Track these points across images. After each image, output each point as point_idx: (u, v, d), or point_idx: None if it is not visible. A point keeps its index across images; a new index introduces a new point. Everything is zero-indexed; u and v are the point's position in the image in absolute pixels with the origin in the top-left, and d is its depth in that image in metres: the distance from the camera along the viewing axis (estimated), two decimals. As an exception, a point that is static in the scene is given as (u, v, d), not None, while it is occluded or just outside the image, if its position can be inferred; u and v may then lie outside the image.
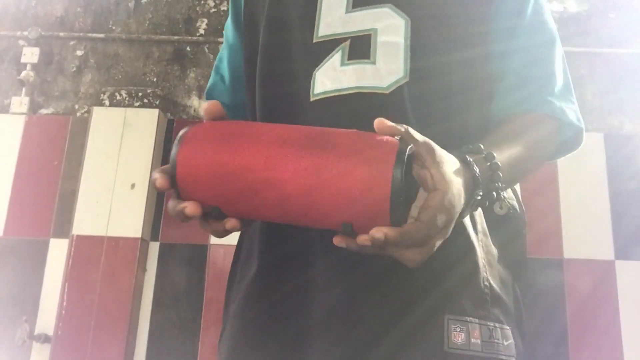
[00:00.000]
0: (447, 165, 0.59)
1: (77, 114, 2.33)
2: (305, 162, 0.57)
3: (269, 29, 0.84)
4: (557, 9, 2.39)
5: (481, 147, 0.67)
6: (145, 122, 2.22)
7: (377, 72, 0.76)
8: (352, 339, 0.70)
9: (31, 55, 2.36)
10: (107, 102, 2.27)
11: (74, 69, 2.39)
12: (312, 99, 0.77)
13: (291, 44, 0.82)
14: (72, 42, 2.42)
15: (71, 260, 2.07)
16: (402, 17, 0.78)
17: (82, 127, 2.26)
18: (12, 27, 2.42)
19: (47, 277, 2.12)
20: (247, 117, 0.89)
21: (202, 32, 2.41)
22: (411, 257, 0.58)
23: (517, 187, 0.83)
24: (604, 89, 2.30)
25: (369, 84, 0.76)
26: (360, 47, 0.78)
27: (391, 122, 0.59)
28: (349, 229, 0.57)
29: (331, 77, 0.77)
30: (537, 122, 0.78)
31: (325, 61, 0.78)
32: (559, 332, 2.02)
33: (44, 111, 2.34)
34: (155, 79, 2.37)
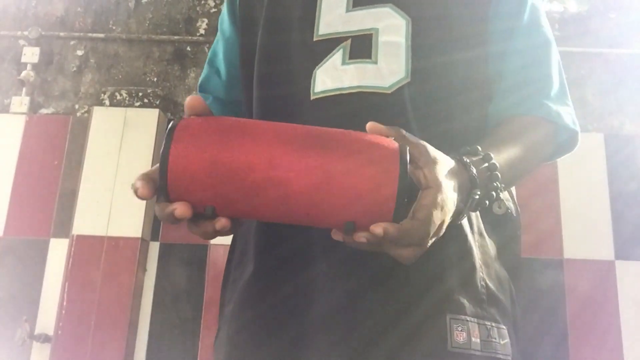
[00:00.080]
0: (440, 165, 0.60)
1: (78, 114, 2.33)
2: (310, 161, 0.56)
3: (268, 30, 0.84)
4: (558, 9, 2.39)
5: (479, 149, 0.68)
6: (145, 122, 2.22)
7: (378, 72, 0.76)
8: (353, 339, 0.70)
9: (31, 55, 2.36)
10: (107, 102, 2.27)
11: (74, 68, 2.39)
12: (312, 97, 0.77)
13: (290, 44, 0.81)
14: (72, 42, 2.42)
15: (71, 260, 2.07)
16: (403, 17, 0.78)
17: (82, 127, 2.26)
18: (12, 26, 2.42)
19: (47, 277, 2.12)
20: (244, 114, 0.88)
21: (202, 32, 2.41)
22: (405, 255, 0.59)
23: (512, 189, 0.84)
24: (604, 90, 2.30)
25: (370, 83, 0.76)
26: (361, 47, 0.78)
27: (383, 125, 0.60)
28: (351, 228, 0.57)
29: (332, 76, 0.77)
30: (534, 124, 0.79)
31: (325, 60, 0.78)
32: (559, 333, 2.02)
33: (44, 111, 2.34)
34: (155, 79, 2.37)
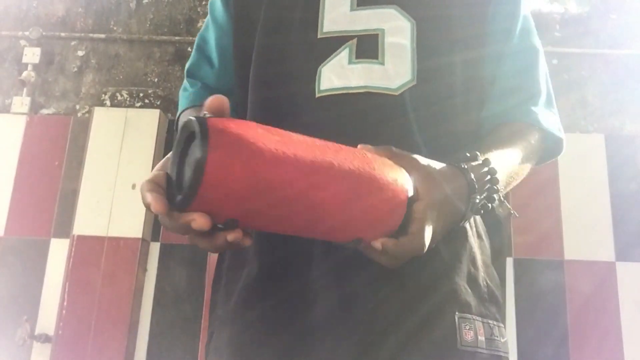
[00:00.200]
0: (431, 176, 0.61)
1: (78, 114, 2.33)
2: (344, 183, 0.55)
3: (267, 31, 0.83)
4: (558, 10, 2.39)
5: (478, 154, 0.69)
6: (146, 122, 2.22)
7: (385, 73, 0.76)
8: (358, 336, 0.70)
9: (32, 55, 2.36)
10: (108, 102, 2.28)
11: (75, 69, 2.39)
12: (317, 95, 0.76)
13: (290, 44, 0.81)
14: (73, 43, 2.42)
15: (72, 260, 2.07)
16: (408, 19, 0.79)
17: (83, 127, 2.26)
18: (13, 27, 2.42)
19: (48, 277, 2.12)
20: (238, 114, 0.87)
21: (203, 32, 2.41)
22: (389, 263, 0.61)
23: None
24: (604, 90, 2.30)
25: (378, 84, 0.76)
26: (368, 47, 0.78)
27: (373, 147, 0.62)
28: (358, 243, 0.59)
29: (338, 74, 0.77)
30: (524, 131, 0.81)
31: (331, 57, 0.78)
32: (560, 334, 2.02)
33: (45, 111, 2.35)
34: (156, 80, 2.37)
